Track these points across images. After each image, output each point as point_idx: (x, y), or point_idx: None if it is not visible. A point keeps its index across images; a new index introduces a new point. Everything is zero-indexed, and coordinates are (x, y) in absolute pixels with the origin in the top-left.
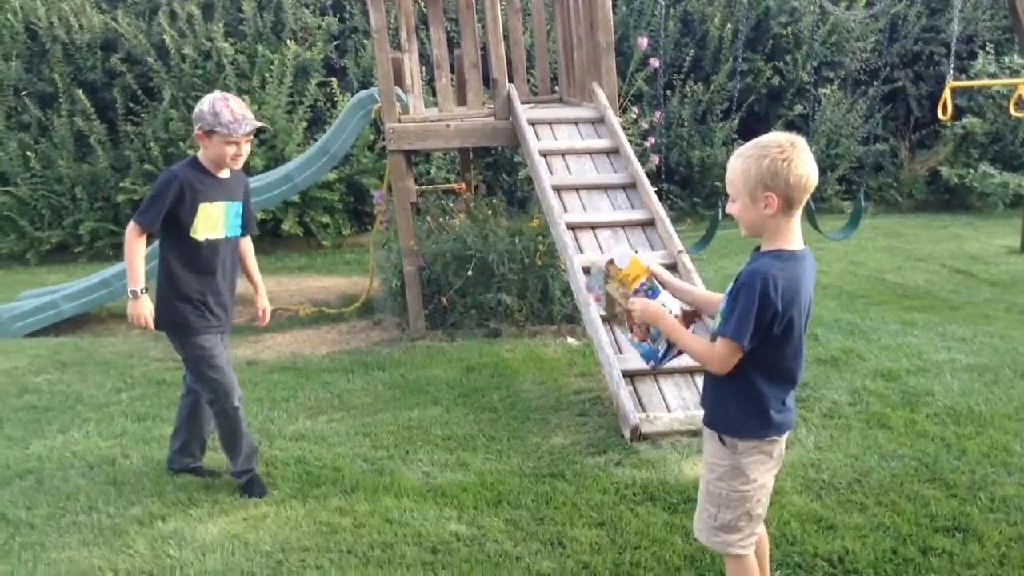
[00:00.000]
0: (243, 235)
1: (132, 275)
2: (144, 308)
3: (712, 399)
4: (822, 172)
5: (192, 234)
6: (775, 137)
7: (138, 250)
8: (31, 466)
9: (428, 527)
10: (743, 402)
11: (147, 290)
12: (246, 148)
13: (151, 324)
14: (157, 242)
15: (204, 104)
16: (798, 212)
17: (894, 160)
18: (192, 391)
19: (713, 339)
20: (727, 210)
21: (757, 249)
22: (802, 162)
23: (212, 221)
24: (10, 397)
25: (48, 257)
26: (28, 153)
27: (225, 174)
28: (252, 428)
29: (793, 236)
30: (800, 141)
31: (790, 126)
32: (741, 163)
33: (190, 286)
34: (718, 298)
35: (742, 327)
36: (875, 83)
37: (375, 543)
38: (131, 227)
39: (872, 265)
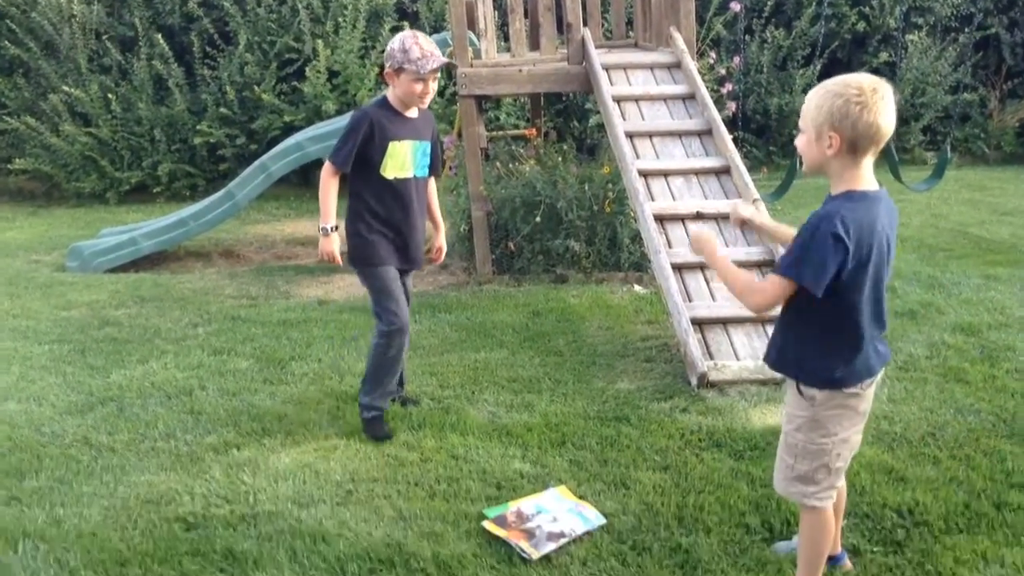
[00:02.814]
0: (430, 176)
1: (324, 212)
2: (333, 245)
3: (783, 341)
4: (906, 122)
5: (382, 172)
6: (859, 78)
7: (331, 189)
8: (112, 394)
9: (493, 464)
10: (817, 346)
11: (337, 228)
12: (433, 86)
13: (339, 260)
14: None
15: (395, 42)
16: (868, 158)
17: (983, 110)
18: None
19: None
20: (795, 142)
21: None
22: (878, 110)
23: (400, 160)
24: (92, 328)
25: (127, 197)
26: (109, 95)
27: (413, 113)
28: (322, 364)
29: (862, 179)
30: (884, 87)
31: (875, 74)
32: (818, 96)
33: (378, 223)
34: None
35: (796, 264)
36: (967, 29)
37: (441, 477)
38: (325, 167)
39: (955, 218)
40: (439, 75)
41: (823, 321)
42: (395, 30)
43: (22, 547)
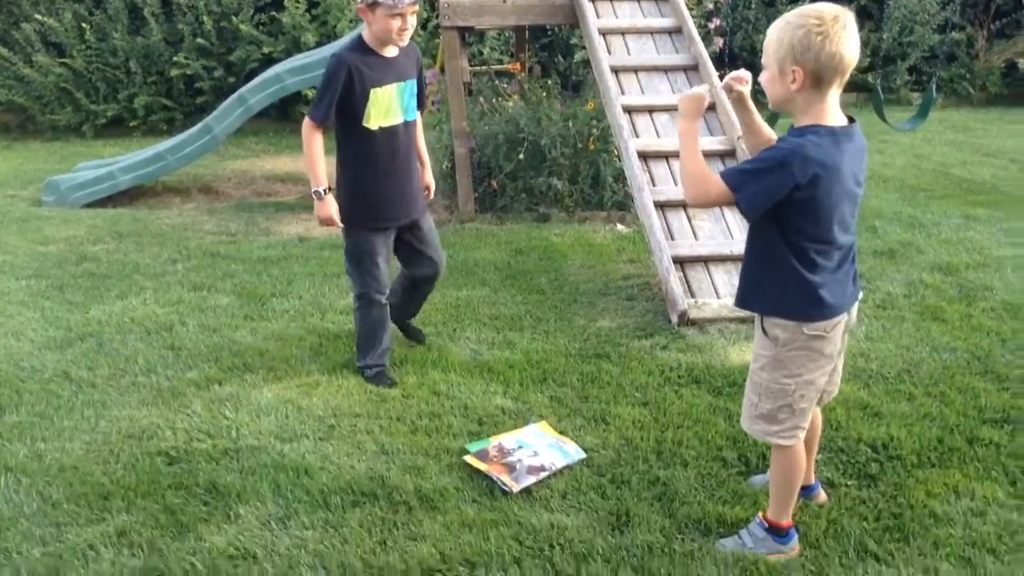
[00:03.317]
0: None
1: (312, 174)
2: (330, 208)
3: (746, 275)
4: (892, 61)
5: (365, 123)
6: (819, 7)
7: (316, 147)
8: (91, 329)
9: (474, 400)
10: (769, 279)
11: (330, 189)
12: (412, 21)
13: (338, 222)
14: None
15: None
16: (834, 90)
17: (969, 50)
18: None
19: None
20: (760, 78)
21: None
22: (840, 39)
23: (384, 107)
24: (69, 264)
25: (104, 130)
26: (83, 24)
27: (392, 52)
28: (303, 301)
29: (828, 113)
30: (846, 15)
31: (862, 12)
32: (778, 30)
33: (365, 179)
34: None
35: (744, 180)
36: None
37: (423, 412)
38: (305, 123)
39: (937, 159)
40: (419, 7)
41: (782, 252)
42: None
43: (3, 480)
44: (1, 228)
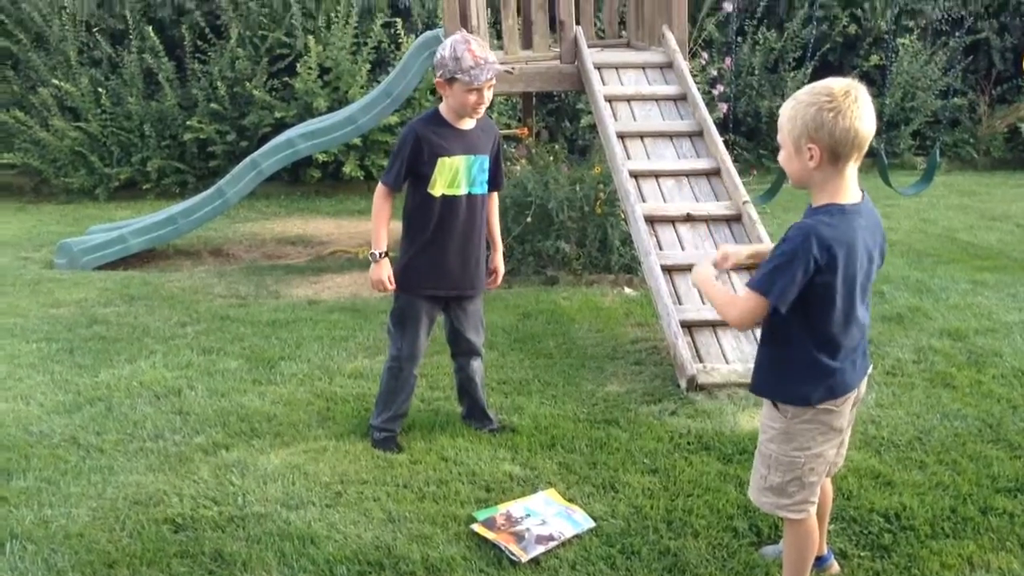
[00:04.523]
0: (490, 191)
1: (374, 236)
2: (382, 271)
3: (759, 361)
4: (895, 126)
5: (430, 190)
6: (829, 84)
7: (382, 212)
8: (100, 393)
9: (483, 466)
10: (786, 367)
11: (387, 254)
12: (488, 95)
13: (389, 287)
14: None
15: (445, 49)
16: (851, 165)
17: (972, 115)
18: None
19: None
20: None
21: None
22: (853, 114)
23: (450, 176)
24: (80, 327)
25: (117, 193)
26: (99, 89)
27: (468, 124)
28: (311, 365)
29: (845, 190)
30: (857, 90)
31: (865, 77)
32: (790, 109)
33: (420, 244)
34: None
35: (770, 280)
36: (957, 33)
37: (431, 479)
38: (378, 188)
39: (943, 223)
40: (492, 81)
41: (798, 339)
42: (387, 26)
43: (10, 548)
44: (13, 290)
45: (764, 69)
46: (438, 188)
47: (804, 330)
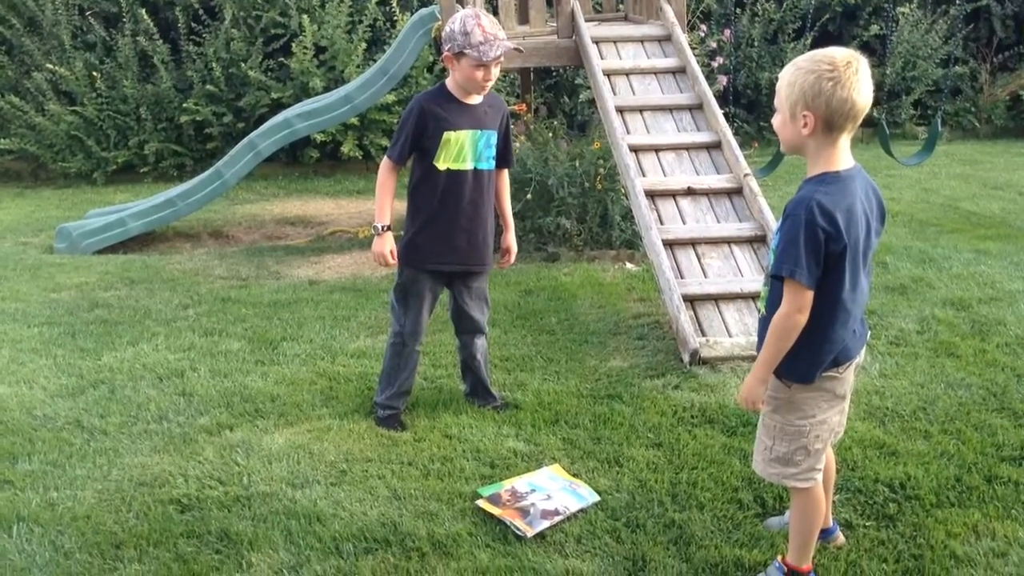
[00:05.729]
0: (499, 168)
1: (377, 210)
2: (385, 245)
3: (762, 333)
4: (896, 96)
5: (435, 163)
6: (831, 52)
7: (387, 185)
8: (103, 376)
9: (487, 443)
10: (810, 346)
11: (390, 227)
12: (495, 72)
13: (390, 261)
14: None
15: (455, 23)
16: (845, 135)
17: (973, 84)
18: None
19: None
20: (772, 121)
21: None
22: (852, 85)
23: (455, 151)
24: (81, 311)
25: (114, 177)
26: (94, 73)
27: (475, 100)
28: (314, 345)
29: (839, 158)
30: (859, 61)
31: (865, 47)
32: (789, 75)
33: (425, 218)
34: None
35: (787, 260)
36: (957, 1)
37: (435, 456)
38: (383, 162)
39: (945, 192)
40: (501, 58)
41: (819, 313)
42: (382, 4)
43: (16, 530)
44: (13, 275)
45: (764, 40)
46: (443, 162)
47: (825, 303)
